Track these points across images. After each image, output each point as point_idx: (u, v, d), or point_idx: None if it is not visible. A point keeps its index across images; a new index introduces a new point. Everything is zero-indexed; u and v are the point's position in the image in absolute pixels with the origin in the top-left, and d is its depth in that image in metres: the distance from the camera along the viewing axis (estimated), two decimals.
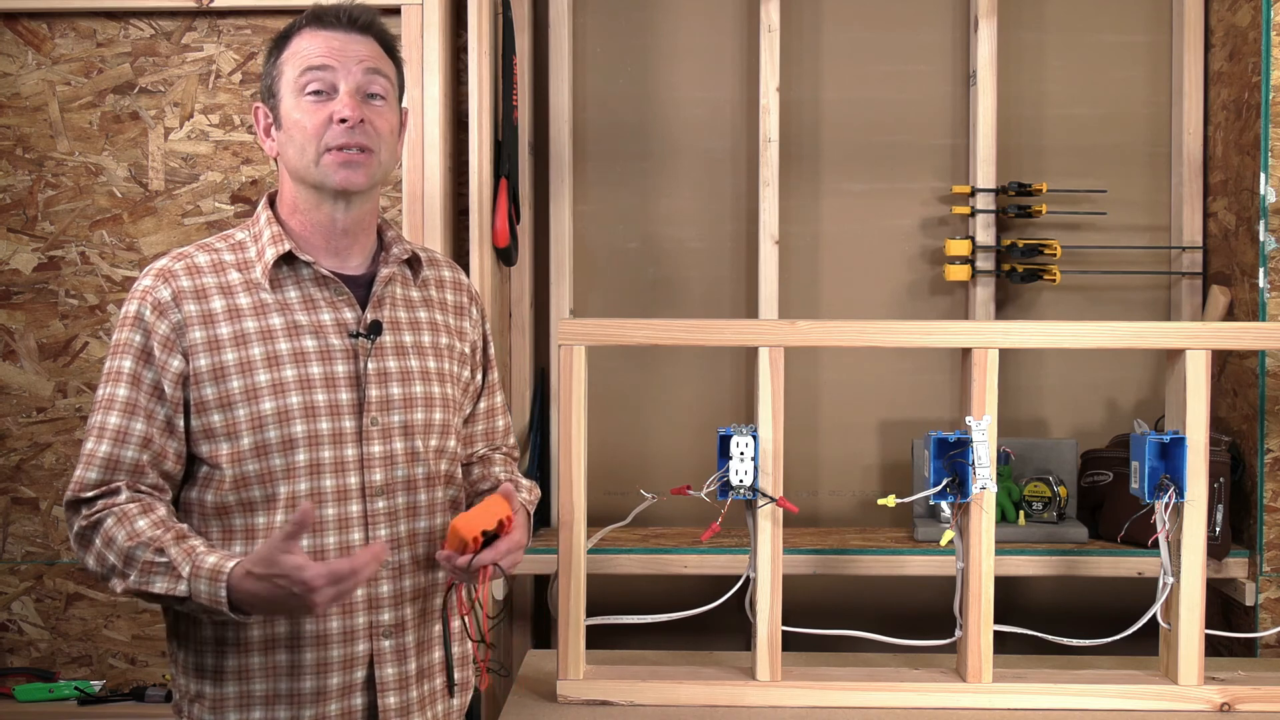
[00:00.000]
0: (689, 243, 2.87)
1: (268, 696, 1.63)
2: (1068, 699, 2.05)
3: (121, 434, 1.61)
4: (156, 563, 1.54)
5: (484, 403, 1.88)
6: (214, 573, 1.52)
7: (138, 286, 1.66)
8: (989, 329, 2.10)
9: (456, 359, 1.80)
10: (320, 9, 1.69)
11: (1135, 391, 2.86)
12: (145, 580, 1.55)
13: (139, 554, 1.55)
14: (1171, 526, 2.06)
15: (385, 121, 1.68)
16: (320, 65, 1.65)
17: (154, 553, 1.54)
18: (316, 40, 1.66)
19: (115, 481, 1.60)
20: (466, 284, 1.88)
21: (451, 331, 1.80)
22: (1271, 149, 2.45)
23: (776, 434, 2.03)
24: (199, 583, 1.52)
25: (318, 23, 1.68)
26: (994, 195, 2.76)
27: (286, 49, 1.68)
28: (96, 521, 1.58)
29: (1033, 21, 2.84)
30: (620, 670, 2.12)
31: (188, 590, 1.53)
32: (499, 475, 1.87)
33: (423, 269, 1.79)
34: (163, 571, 1.54)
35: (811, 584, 2.62)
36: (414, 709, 1.69)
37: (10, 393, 2.55)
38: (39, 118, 2.53)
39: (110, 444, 1.61)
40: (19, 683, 2.50)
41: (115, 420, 1.61)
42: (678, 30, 2.87)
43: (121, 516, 1.57)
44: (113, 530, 1.57)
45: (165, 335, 1.62)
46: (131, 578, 1.56)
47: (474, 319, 1.86)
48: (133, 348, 1.63)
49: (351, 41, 1.67)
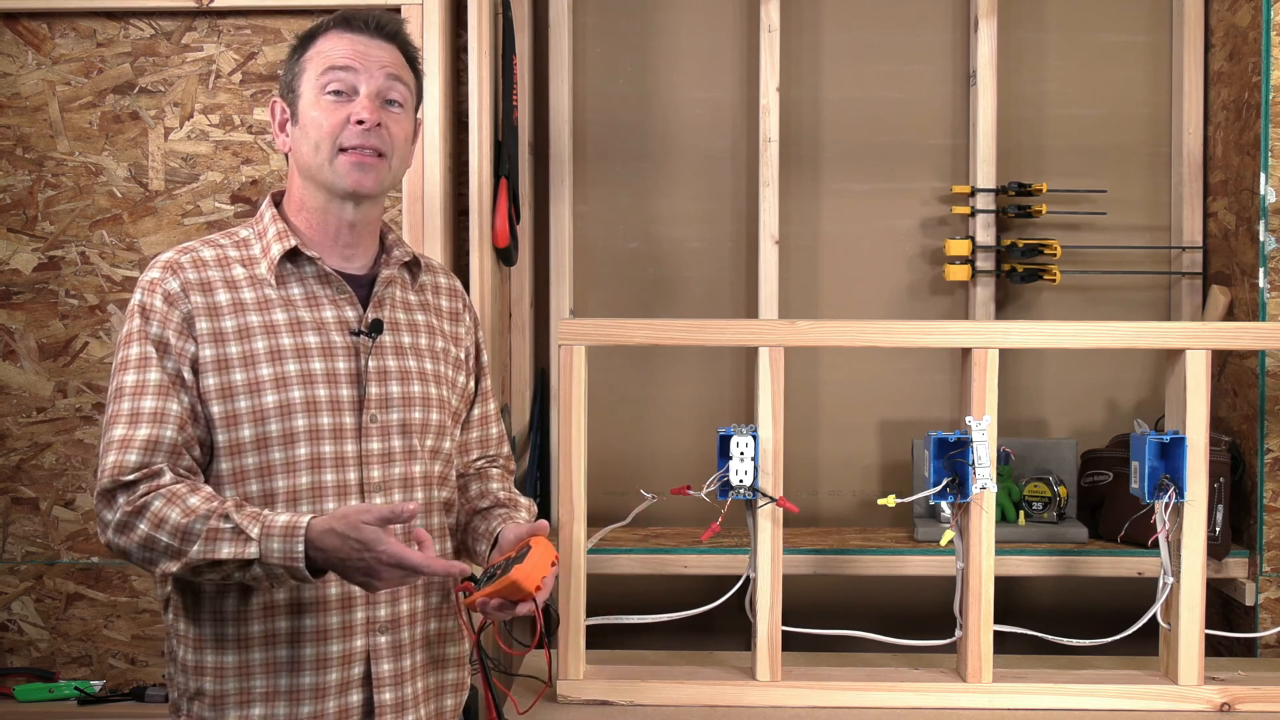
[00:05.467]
0: (689, 243, 2.87)
1: (267, 693, 1.63)
2: (1068, 699, 2.05)
3: (159, 415, 1.59)
4: (221, 529, 1.53)
5: (478, 409, 1.89)
6: (289, 529, 1.52)
7: (145, 278, 1.66)
8: (989, 329, 2.10)
9: (452, 363, 1.82)
10: (349, 12, 1.72)
11: (1135, 391, 2.86)
12: (209, 548, 1.52)
13: (197, 526, 1.53)
14: (1171, 526, 2.06)
15: (401, 128, 1.71)
16: (344, 66, 1.67)
17: (218, 519, 1.53)
18: (342, 42, 1.69)
19: (155, 464, 1.58)
20: (461, 291, 1.90)
21: (447, 336, 1.82)
22: (1271, 149, 2.45)
23: (776, 434, 2.03)
24: (271, 542, 1.52)
25: (345, 25, 1.70)
26: (994, 195, 2.76)
27: (311, 47, 1.71)
28: (142, 506, 1.55)
29: (1033, 21, 2.84)
30: (620, 670, 2.12)
31: (258, 551, 1.52)
32: (498, 494, 1.88)
33: (421, 274, 1.82)
34: (229, 537, 1.53)
35: (811, 584, 2.62)
36: (409, 705, 1.70)
37: (10, 393, 2.55)
38: (39, 118, 2.53)
39: (149, 426, 1.58)
40: (19, 683, 2.50)
41: (150, 403, 1.59)
42: (678, 30, 2.87)
43: (170, 497, 1.55)
44: (163, 511, 1.54)
45: (179, 324, 1.62)
46: (193, 550, 1.53)
47: (468, 325, 1.88)
48: (149, 337, 1.62)
49: (376, 47, 1.70)
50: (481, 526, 1.82)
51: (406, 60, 1.74)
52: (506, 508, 1.86)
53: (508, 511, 1.84)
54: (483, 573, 1.74)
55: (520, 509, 1.87)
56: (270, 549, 1.52)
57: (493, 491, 1.88)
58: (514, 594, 1.63)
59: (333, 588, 1.64)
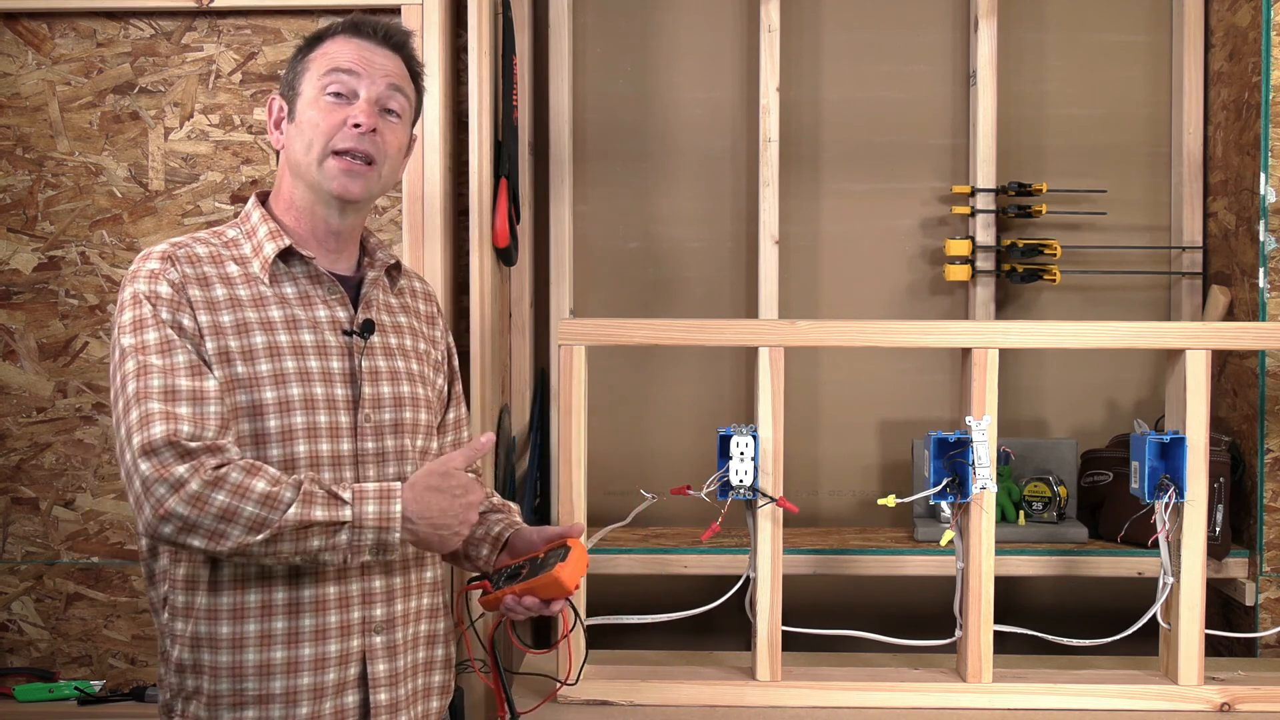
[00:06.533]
0: (689, 243, 2.87)
1: (262, 694, 1.62)
2: (1068, 699, 2.05)
3: (198, 394, 1.56)
4: (314, 493, 1.54)
5: (452, 413, 1.90)
6: (384, 491, 1.56)
7: (144, 268, 1.63)
8: (989, 329, 2.10)
9: (431, 365, 1.83)
10: (359, 19, 1.74)
11: (1135, 391, 2.86)
12: (304, 511, 1.52)
13: (287, 494, 1.52)
14: (1171, 526, 2.06)
15: (395, 138, 1.72)
16: (347, 69, 1.68)
17: (310, 483, 1.55)
18: (349, 46, 1.70)
19: (211, 437, 1.54)
20: (434, 294, 1.93)
21: (426, 338, 1.84)
22: (1271, 149, 2.45)
23: (776, 434, 2.03)
24: (365, 504, 1.55)
25: (353, 30, 1.72)
26: (994, 195, 2.76)
27: (317, 49, 1.72)
28: (219, 478, 1.51)
29: (1033, 21, 2.84)
30: (620, 670, 2.12)
31: (351, 515, 1.54)
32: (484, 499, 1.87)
33: (400, 277, 1.84)
34: (323, 501, 1.54)
35: (811, 584, 2.62)
36: (402, 706, 1.70)
37: (10, 393, 2.55)
38: (39, 118, 2.53)
39: (189, 405, 1.55)
40: (19, 683, 2.50)
41: (186, 382, 1.56)
42: (678, 30, 2.87)
43: (250, 469, 1.53)
44: (246, 481, 1.52)
45: (189, 311, 1.61)
46: (288, 513, 1.51)
47: (441, 329, 1.90)
48: (164, 321, 1.60)
49: (381, 55, 1.71)
50: (479, 532, 1.83)
51: (410, 73, 1.75)
52: (501, 512, 1.87)
53: (504, 516, 1.85)
54: (496, 572, 1.74)
55: (514, 513, 1.89)
56: (364, 513, 1.55)
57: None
58: (554, 592, 1.66)
59: (331, 587, 1.64)
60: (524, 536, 1.78)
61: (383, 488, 1.57)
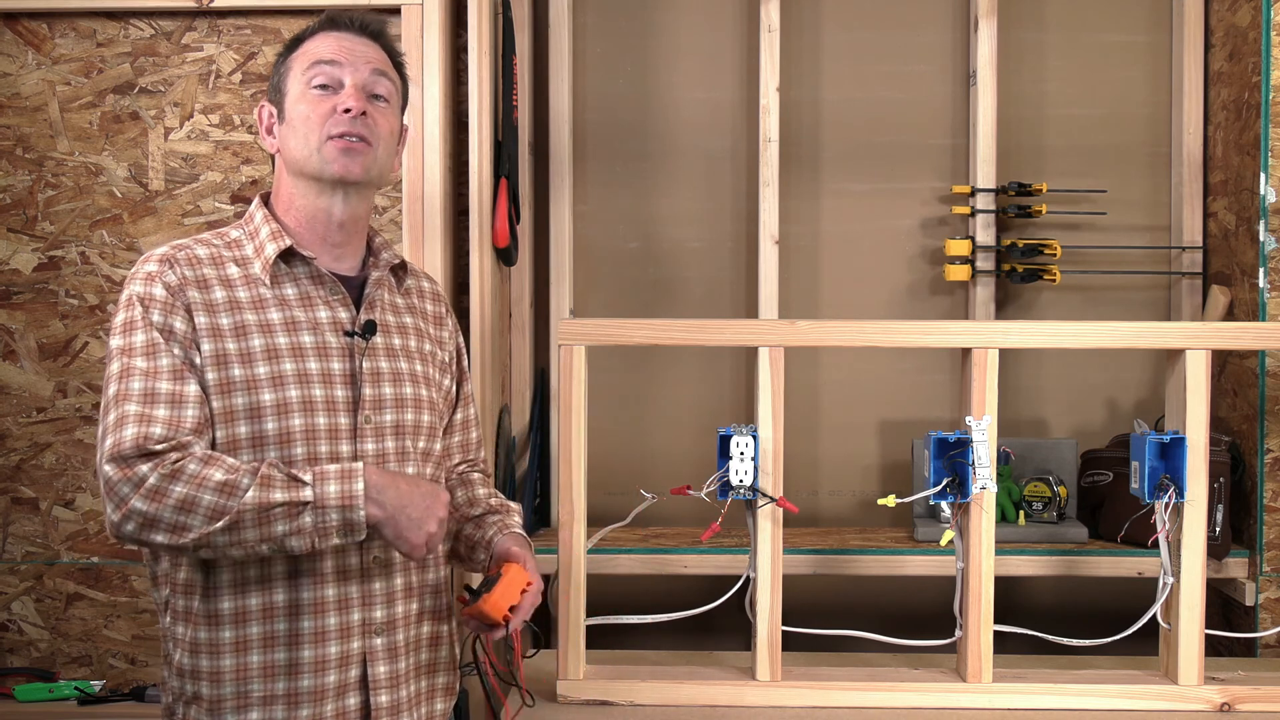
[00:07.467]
0: (689, 243, 2.87)
1: (265, 696, 1.63)
2: (1068, 699, 2.05)
3: (177, 398, 1.57)
4: (273, 476, 1.53)
5: (459, 414, 1.90)
6: (345, 471, 1.55)
7: (142, 270, 1.64)
8: (989, 329, 2.10)
9: (438, 366, 1.83)
10: (334, 14, 1.76)
11: (1135, 391, 2.86)
12: (262, 494, 1.51)
13: (245, 480, 1.52)
14: (1171, 526, 2.06)
15: (386, 121, 1.73)
16: (329, 60, 1.70)
17: (268, 468, 1.54)
18: (328, 40, 1.72)
19: (182, 439, 1.55)
20: (443, 295, 1.93)
21: (433, 339, 1.84)
22: (1271, 149, 2.45)
23: (776, 434, 2.03)
24: (327, 484, 1.54)
25: (330, 25, 1.74)
26: (994, 195, 2.76)
27: (298, 49, 1.74)
28: (177, 470, 1.51)
29: (1033, 21, 2.84)
30: (620, 670, 2.12)
31: (312, 495, 1.53)
32: (488, 500, 1.88)
33: (406, 277, 1.84)
34: (281, 483, 1.53)
35: (811, 584, 2.62)
36: (404, 708, 1.70)
37: (10, 393, 2.55)
38: (39, 118, 2.53)
39: (168, 408, 1.55)
40: (19, 683, 2.50)
41: (166, 386, 1.57)
42: (678, 30, 2.87)
43: (208, 460, 1.53)
44: (204, 471, 1.52)
45: (182, 314, 1.62)
46: (245, 498, 1.50)
47: (450, 329, 1.90)
48: (154, 325, 1.60)
49: (361, 44, 1.73)
50: (476, 535, 1.83)
51: (391, 62, 1.77)
52: (499, 514, 1.86)
53: (501, 518, 1.85)
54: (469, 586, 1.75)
55: (512, 513, 1.88)
56: (326, 493, 1.54)
57: (481, 498, 1.88)
58: (482, 620, 1.68)
59: (330, 589, 1.64)
60: (504, 546, 1.79)
61: (344, 467, 1.56)
